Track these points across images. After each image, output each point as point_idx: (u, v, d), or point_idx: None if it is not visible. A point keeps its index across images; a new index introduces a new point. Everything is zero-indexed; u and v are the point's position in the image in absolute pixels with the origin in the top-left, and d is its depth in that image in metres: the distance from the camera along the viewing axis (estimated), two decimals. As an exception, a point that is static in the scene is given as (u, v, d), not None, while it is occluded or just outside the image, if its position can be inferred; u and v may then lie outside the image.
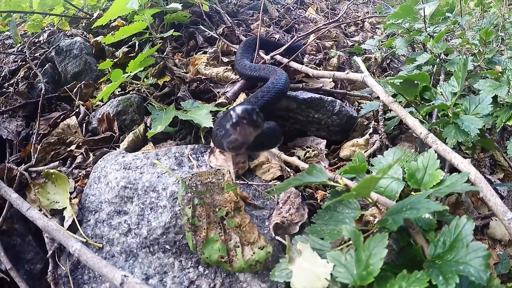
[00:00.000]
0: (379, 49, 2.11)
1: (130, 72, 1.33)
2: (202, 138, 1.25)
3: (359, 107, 1.62)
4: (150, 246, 1.00)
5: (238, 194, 0.97)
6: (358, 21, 2.47)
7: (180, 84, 1.48)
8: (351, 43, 2.20)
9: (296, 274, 0.77)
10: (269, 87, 1.29)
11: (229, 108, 0.78)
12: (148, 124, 1.34)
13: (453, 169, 0.96)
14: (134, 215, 1.03)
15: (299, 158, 1.26)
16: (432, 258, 0.69)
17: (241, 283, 0.94)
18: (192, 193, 0.95)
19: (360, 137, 1.48)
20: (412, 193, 0.93)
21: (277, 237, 0.96)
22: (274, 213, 1.02)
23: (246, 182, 1.10)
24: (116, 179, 1.08)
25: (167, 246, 0.99)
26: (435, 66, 1.84)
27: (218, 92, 1.50)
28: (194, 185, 0.97)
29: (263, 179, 1.14)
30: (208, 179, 0.97)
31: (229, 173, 1.01)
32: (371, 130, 1.51)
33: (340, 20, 2.08)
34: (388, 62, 2.26)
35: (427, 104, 1.40)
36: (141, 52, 1.56)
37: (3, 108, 1.53)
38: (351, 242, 0.76)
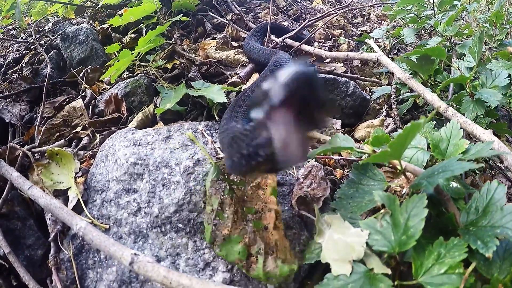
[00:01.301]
0: (387, 38, 2.10)
1: (139, 51, 1.28)
2: (216, 116, 1.18)
3: (370, 93, 1.60)
4: (161, 226, 0.92)
5: (277, 200, 0.83)
6: (365, 12, 2.45)
7: (190, 66, 1.43)
8: (359, 32, 2.18)
9: (327, 247, 0.71)
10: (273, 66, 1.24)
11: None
12: (157, 105, 1.28)
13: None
14: (145, 192, 0.96)
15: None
16: (465, 226, 0.66)
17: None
18: (224, 181, 0.82)
19: (379, 117, 1.45)
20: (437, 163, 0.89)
21: (301, 211, 0.89)
22: (295, 188, 0.95)
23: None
24: (125, 156, 1.01)
25: (180, 225, 0.91)
26: (446, 49, 1.81)
27: (230, 75, 1.44)
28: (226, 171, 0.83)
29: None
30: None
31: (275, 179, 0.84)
32: (384, 113, 1.49)
33: (350, 7, 2.05)
34: (395, 52, 2.23)
35: (440, 82, 1.37)
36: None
37: (7, 92, 1.47)
38: (382, 211, 0.71)
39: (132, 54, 1.24)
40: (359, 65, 1.93)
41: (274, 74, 0.46)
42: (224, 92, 1.19)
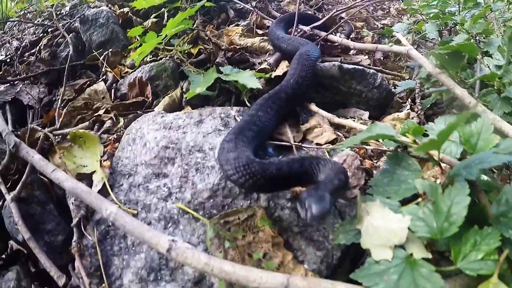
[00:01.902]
0: (408, 33, 2.05)
1: (167, 34, 1.23)
2: (247, 102, 1.13)
3: (393, 86, 1.56)
4: (194, 212, 0.87)
5: (275, 229, 0.83)
6: (385, 6, 2.40)
7: (216, 51, 1.38)
8: (380, 26, 2.13)
9: (366, 232, 0.69)
10: (307, 58, 1.20)
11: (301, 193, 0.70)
12: (184, 89, 1.23)
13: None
14: (176, 177, 0.91)
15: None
16: (496, 217, 0.68)
17: (295, 251, 0.82)
18: (222, 236, 0.81)
19: (403, 111, 1.41)
20: (468, 156, 0.91)
21: (339, 199, 0.84)
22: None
23: (299, 145, 0.98)
24: (156, 139, 0.96)
25: (214, 211, 0.86)
26: None
27: (257, 62, 1.39)
28: (224, 226, 0.82)
29: (316, 143, 1.02)
30: (239, 218, 0.83)
31: (261, 208, 0.84)
32: (408, 107, 1.46)
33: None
34: (415, 47, 2.18)
35: (466, 80, 1.36)
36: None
37: (24, 74, 1.42)
38: (419, 200, 0.72)
39: (160, 36, 1.19)
40: (381, 58, 1.88)
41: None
42: (258, 79, 1.14)
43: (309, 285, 0.61)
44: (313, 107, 1.15)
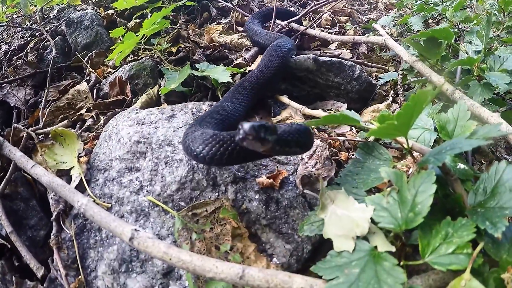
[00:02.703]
0: (394, 26, 2.05)
1: (144, 33, 1.26)
2: (220, 96, 1.15)
3: (377, 79, 1.56)
4: (163, 204, 0.90)
5: (238, 220, 0.84)
6: (372, 0, 2.40)
7: (195, 49, 1.41)
8: (366, 20, 2.13)
9: (329, 222, 0.68)
10: (276, 49, 1.22)
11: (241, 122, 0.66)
12: (161, 86, 1.26)
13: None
14: (147, 171, 0.94)
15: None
16: (473, 207, 0.64)
17: (263, 245, 0.83)
18: (190, 228, 0.82)
19: (381, 103, 1.42)
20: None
21: (305, 191, 0.85)
22: (299, 168, 0.91)
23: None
24: (129, 134, 0.99)
25: (183, 203, 0.88)
26: (454, 36, 1.76)
27: (235, 58, 1.41)
28: (192, 218, 0.84)
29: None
30: (207, 210, 0.85)
31: (228, 200, 0.86)
32: (390, 99, 1.46)
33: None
34: (400, 39, 2.18)
35: (444, 68, 1.34)
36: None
37: (12, 77, 1.47)
38: (388, 189, 0.67)
39: (137, 36, 1.22)
40: (366, 51, 1.88)
41: None
42: (230, 73, 1.16)
43: (265, 276, 0.59)
44: (285, 99, 1.17)
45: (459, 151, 0.64)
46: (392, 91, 1.54)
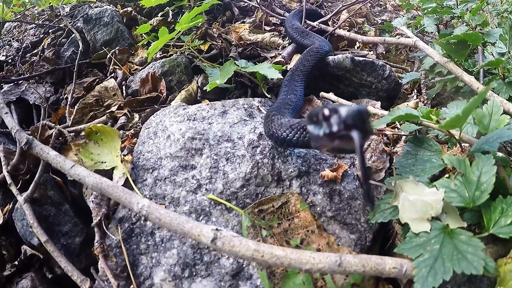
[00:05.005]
0: (408, 27, 2.11)
1: (180, 29, 1.21)
2: (265, 93, 1.12)
3: (399, 78, 1.60)
4: (227, 202, 0.84)
5: (312, 214, 0.82)
6: (381, 2, 2.47)
7: (228, 47, 1.37)
8: (380, 21, 2.18)
9: (403, 207, 0.72)
10: (316, 49, 1.23)
11: (318, 108, 0.57)
12: (199, 84, 1.21)
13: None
14: (205, 168, 0.88)
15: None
16: None
17: (333, 236, 0.81)
18: (258, 225, 0.79)
19: (409, 101, 1.45)
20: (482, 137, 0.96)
21: (371, 181, 0.86)
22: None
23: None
24: (181, 131, 0.93)
25: (248, 200, 0.83)
26: None
27: (269, 56, 1.38)
28: (259, 215, 0.81)
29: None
30: (273, 206, 0.82)
31: (296, 194, 0.83)
32: (415, 97, 1.50)
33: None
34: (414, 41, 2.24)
35: (469, 69, 1.43)
36: (177, 20, 1.45)
37: (28, 74, 1.36)
38: (448, 174, 0.77)
39: (173, 31, 1.17)
40: (384, 52, 1.92)
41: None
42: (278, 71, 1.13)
43: (361, 261, 0.62)
44: (332, 96, 1.15)
45: (507, 139, 0.75)
46: (415, 90, 1.59)
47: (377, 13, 2.28)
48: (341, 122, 0.53)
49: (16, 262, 0.97)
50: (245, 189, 0.83)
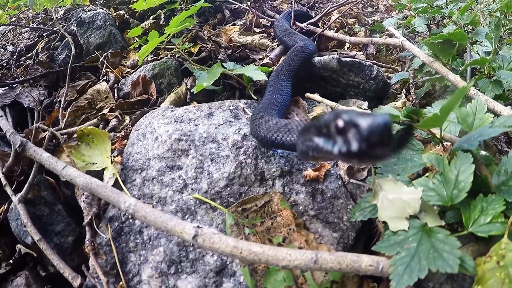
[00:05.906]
0: (398, 27, 2.13)
1: (169, 32, 1.24)
2: (252, 95, 1.15)
3: (388, 78, 1.62)
4: (212, 201, 0.87)
5: (292, 213, 0.85)
6: (373, 3, 2.50)
7: (217, 49, 1.40)
8: (371, 22, 2.20)
9: (382, 206, 0.73)
10: (301, 48, 1.26)
11: (329, 114, 0.47)
12: (188, 86, 1.24)
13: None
14: (191, 168, 0.91)
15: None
16: (497, 186, 0.72)
17: (312, 234, 0.84)
18: (241, 224, 0.82)
19: (398, 101, 1.47)
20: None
21: (351, 181, 0.88)
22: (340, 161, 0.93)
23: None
24: (168, 132, 0.96)
25: (232, 199, 0.86)
26: None
27: (258, 58, 1.42)
28: (242, 213, 0.84)
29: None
30: (256, 204, 0.85)
31: (278, 194, 0.86)
32: (403, 97, 1.52)
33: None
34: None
35: (457, 68, 1.45)
36: (169, 23, 1.48)
37: (23, 77, 1.40)
38: (427, 174, 0.77)
39: (164, 34, 1.20)
40: (374, 52, 1.95)
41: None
42: (264, 72, 1.16)
43: (337, 259, 0.63)
44: (317, 97, 1.18)
45: (487, 137, 0.75)
46: (404, 89, 1.61)
47: (369, 14, 2.30)
48: (363, 140, 0.42)
49: (11, 261, 1.00)
50: (229, 189, 0.87)
